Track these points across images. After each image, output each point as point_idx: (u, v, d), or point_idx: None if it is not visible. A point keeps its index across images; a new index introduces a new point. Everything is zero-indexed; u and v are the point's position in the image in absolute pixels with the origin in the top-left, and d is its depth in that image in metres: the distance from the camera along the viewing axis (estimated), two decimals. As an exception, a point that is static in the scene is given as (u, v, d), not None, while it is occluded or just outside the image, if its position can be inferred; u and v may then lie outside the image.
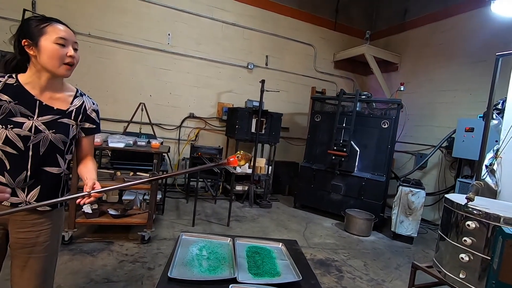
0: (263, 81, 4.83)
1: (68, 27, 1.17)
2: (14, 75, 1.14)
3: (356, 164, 4.55)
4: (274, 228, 3.99)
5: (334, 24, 6.43)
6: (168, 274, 1.14)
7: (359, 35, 6.37)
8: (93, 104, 1.32)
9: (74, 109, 1.24)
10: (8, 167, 1.10)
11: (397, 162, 5.65)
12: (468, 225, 2.02)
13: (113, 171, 3.27)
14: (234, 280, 1.15)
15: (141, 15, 4.89)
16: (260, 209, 4.78)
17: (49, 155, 1.17)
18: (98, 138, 2.89)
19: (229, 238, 1.56)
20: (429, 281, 2.59)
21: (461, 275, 2.08)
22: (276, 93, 5.35)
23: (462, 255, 2.05)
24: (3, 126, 1.07)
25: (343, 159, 4.54)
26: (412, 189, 3.93)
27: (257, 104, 5.02)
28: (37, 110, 1.13)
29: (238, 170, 4.75)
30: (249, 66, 5.70)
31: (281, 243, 1.59)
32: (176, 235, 3.34)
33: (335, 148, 4.60)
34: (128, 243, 2.97)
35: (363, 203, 4.42)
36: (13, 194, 1.12)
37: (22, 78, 1.14)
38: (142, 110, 4.36)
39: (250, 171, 5.00)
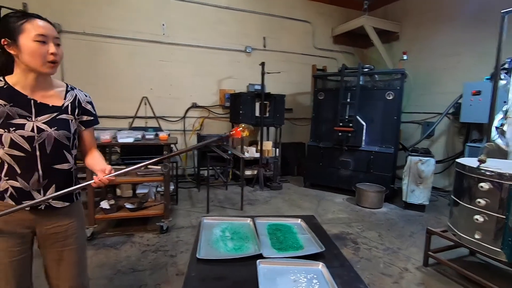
0: (263, 64, 4.77)
1: (49, 22, 1.12)
2: (2, 78, 1.11)
3: (363, 138, 4.55)
4: (287, 208, 4.07)
5: (329, -3, 6.26)
6: (197, 255, 1.19)
7: (357, 7, 6.19)
8: (86, 96, 1.31)
9: (69, 104, 1.23)
10: (19, 171, 1.11)
11: (404, 133, 5.62)
12: (482, 186, 2.04)
13: (124, 167, 3.33)
14: (260, 256, 1.20)
15: (134, 8, 4.80)
16: (271, 191, 4.85)
17: (57, 152, 1.18)
18: (107, 135, 2.92)
19: (249, 219, 1.60)
20: (444, 245, 2.66)
21: (476, 236, 2.12)
22: (277, 74, 5.30)
23: (477, 217, 2.09)
24: (6, 130, 1.06)
25: (349, 134, 4.54)
26: (421, 158, 3.94)
27: (258, 87, 4.98)
28: (33, 110, 1.12)
29: (247, 155, 4.79)
30: (247, 50, 5.61)
31: (299, 219, 1.63)
32: (193, 223, 3.42)
33: (341, 124, 4.59)
34: (148, 234, 3.07)
35: (373, 176, 4.45)
36: (30, 197, 1.13)
37: (11, 79, 1.11)
38: (145, 104, 4.37)
39: (258, 155, 5.04)
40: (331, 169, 4.85)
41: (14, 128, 1.07)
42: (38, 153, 1.12)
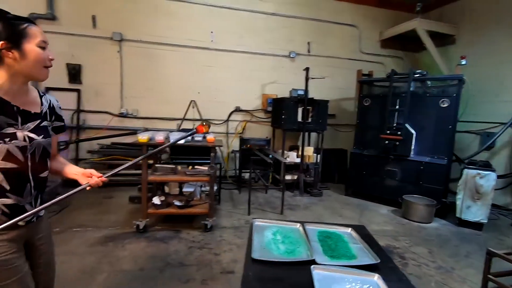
0: (307, 69, 4.76)
1: None
2: None
3: (413, 147, 4.30)
4: (328, 216, 3.99)
5: (377, 0, 6.05)
6: (252, 256, 1.24)
7: (407, 9, 5.90)
8: (57, 101, 1.27)
9: (47, 110, 1.19)
10: (9, 187, 1.03)
11: (457, 143, 5.19)
12: (559, 207, 1.82)
13: (174, 166, 3.54)
14: (313, 262, 1.21)
15: (186, 17, 5.11)
16: (311, 198, 4.79)
17: (43, 160, 1.14)
18: (161, 136, 3.15)
19: (298, 224, 1.62)
20: (506, 269, 2.41)
21: (550, 262, 1.90)
22: (320, 80, 5.23)
23: (552, 241, 1.87)
24: (1, 141, 0.99)
25: (397, 143, 4.32)
26: (480, 171, 3.62)
27: (301, 92, 4.98)
28: (19, 118, 1.06)
29: (287, 160, 4.80)
30: (291, 55, 5.65)
31: (350, 228, 1.61)
32: (235, 223, 3.52)
33: (388, 132, 4.39)
34: (193, 231, 3.22)
35: (422, 188, 4.18)
36: (24, 211, 1.06)
37: None
38: (193, 107, 4.61)
39: (298, 160, 5.02)
40: (375, 179, 4.65)
41: (9, 139, 1.01)
42: (29, 163, 1.08)
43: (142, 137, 3.07)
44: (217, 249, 2.85)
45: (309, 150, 5.14)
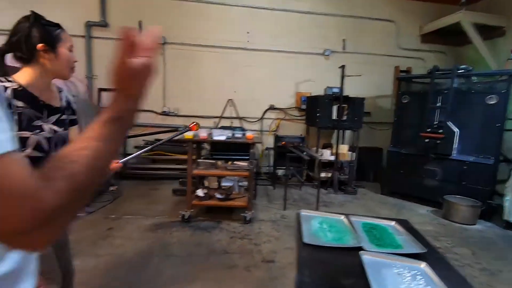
0: (343, 67, 4.76)
1: None
2: (9, 79, 1.10)
3: (455, 146, 4.14)
4: (364, 214, 3.97)
5: (418, -7, 5.84)
6: (303, 240, 1.36)
7: (449, 1, 5.62)
8: (72, 96, 1.39)
9: (66, 104, 1.32)
10: None
11: (506, 143, 4.87)
12: None
13: (214, 161, 3.76)
14: (360, 249, 1.30)
15: (224, 19, 5.32)
16: (346, 196, 4.79)
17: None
18: (204, 133, 3.37)
19: (343, 215, 1.71)
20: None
21: None
22: (355, 77, 5.19)
23: None
24: (33, 132, 1.10)
25: (438, 141, 4.19)
26: (532, 172, 3.42)
27: (336, 90, 4.97)
28: (45, 111, 1.18)
29: (323, 157, 4.84)
30: (325, 53, 5.65)
31: (393, 222, 1.67)
32: (272, 217, 3.66)
33: (428, 130, 4.26)
34: (233, 223, 3.41)
35: (465, 189, 4.02)
36: None
37: (21, 80, 1.12)
38: (230, 106, 4.81)
39: (331, 157, 5.03)
40: (414, 178, 4.53)
41: (38, 131, 1.13)
42: (53, 153, 1.16)
43: (188, 134, 3.31)
44: (257, 240, 3.01)
45: (343, 148, 5.13)
